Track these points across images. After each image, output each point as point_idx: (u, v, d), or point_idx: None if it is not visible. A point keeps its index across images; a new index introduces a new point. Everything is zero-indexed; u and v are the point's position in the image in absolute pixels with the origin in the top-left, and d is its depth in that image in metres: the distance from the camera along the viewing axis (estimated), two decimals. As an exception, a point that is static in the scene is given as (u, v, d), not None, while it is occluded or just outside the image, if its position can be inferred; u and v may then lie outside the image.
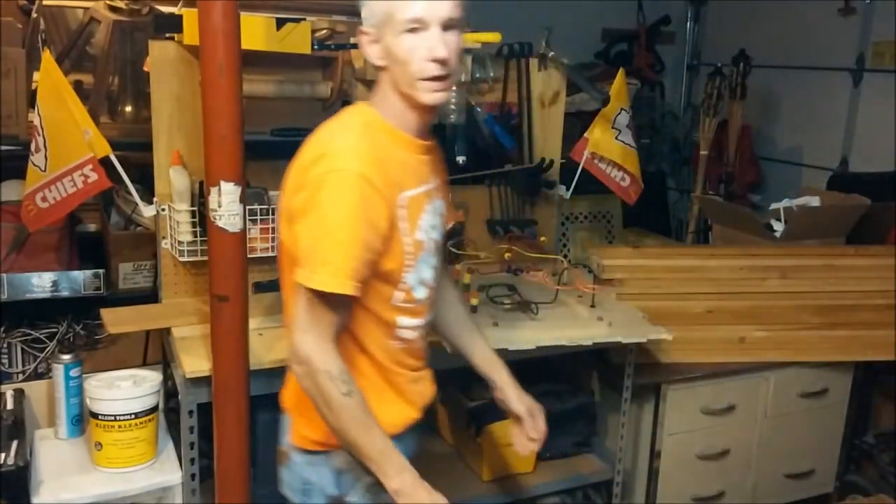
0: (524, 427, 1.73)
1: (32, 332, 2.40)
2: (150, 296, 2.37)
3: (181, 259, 2.17)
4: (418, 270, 1.48)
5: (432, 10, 1.37)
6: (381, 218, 1.37)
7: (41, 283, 2.32)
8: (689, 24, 4.34)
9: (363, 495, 1.52)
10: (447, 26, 1.39)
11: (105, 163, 2.08)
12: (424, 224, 1.48)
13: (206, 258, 1.93)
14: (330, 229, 1.34)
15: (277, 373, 1.68)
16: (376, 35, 1.42)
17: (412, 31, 1.37)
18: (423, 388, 1.62)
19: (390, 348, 1.50)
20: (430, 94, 1.40)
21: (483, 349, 1.76)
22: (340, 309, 1.39)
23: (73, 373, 2.18)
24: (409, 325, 1.51)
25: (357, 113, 1.47)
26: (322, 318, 1.37)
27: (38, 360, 2.41)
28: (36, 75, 2.31)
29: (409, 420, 1.57)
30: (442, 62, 1.38)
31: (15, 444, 1.98)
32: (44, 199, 2.09)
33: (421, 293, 1.50)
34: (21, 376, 2.40)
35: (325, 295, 1.35)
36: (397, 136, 1.45)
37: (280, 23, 2.10)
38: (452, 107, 2.51)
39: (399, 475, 1.41)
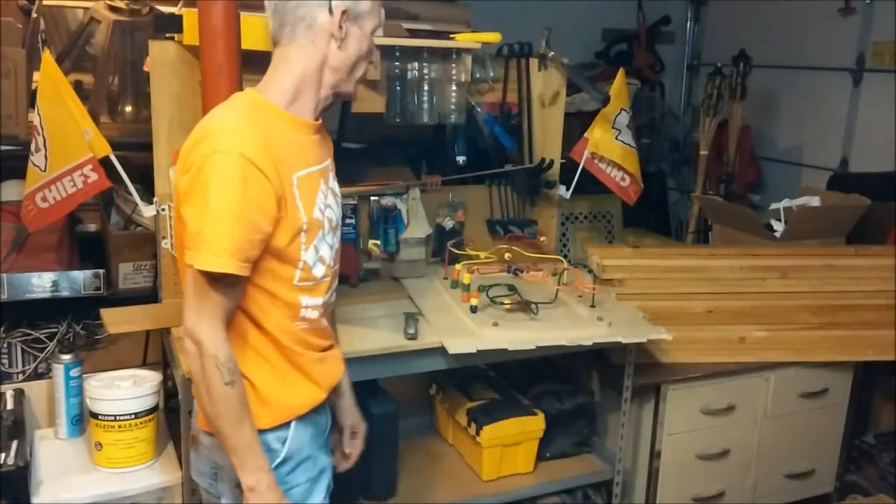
0: (342, 440, 1.77)
1: (32, 332, 2.40)
2: (150, 296, 2.38)
3: (181, 259, 2.18)
4: (316, 249, 1.50)
5: None
6: (266, 198, 1.38)
7: (41, 283, 2.32)
8: (689, 24, 4.34)
9: None
10: None
11: (105, 163, 2.08)
12: (320, 203, 1.50)
13: (206, 258, 1.92)
14: (212, 209, 1.35)
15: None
16: (350, 19, 1.46)
17: (374, 34, 1.51)
18: (330, 367, 1.62)
19: (293, 330, 1.51)
20: (356, 87, 1.56)
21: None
22: (229, 289, 1.40)
23: (73, 373, 2.18)
24: (311, 304, 1.52)
25: (243, 96, 1.50)
26: (211, 299, 1.38)
27: (38, 360, 2.41)
28: (36, 75, 2.31)
29: (315, 400, 1.57)
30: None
31: (15, 444, 1.98)
32: (44, 199, 2.09)
33: (319, 271, 1.52)
34: (21, 376, 2.40)
35: (211, 275, 1.36)
36: (285, 117, 1.48)
37: (280, 23, 2.10)
38: (453, 107, 2.51)
39: (257, 474, 1.42)
